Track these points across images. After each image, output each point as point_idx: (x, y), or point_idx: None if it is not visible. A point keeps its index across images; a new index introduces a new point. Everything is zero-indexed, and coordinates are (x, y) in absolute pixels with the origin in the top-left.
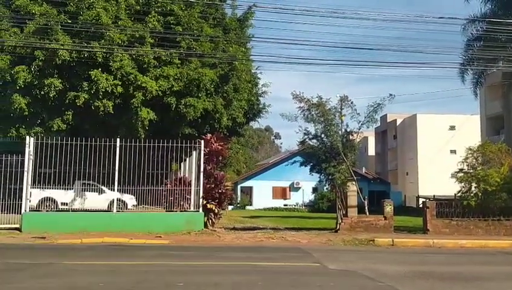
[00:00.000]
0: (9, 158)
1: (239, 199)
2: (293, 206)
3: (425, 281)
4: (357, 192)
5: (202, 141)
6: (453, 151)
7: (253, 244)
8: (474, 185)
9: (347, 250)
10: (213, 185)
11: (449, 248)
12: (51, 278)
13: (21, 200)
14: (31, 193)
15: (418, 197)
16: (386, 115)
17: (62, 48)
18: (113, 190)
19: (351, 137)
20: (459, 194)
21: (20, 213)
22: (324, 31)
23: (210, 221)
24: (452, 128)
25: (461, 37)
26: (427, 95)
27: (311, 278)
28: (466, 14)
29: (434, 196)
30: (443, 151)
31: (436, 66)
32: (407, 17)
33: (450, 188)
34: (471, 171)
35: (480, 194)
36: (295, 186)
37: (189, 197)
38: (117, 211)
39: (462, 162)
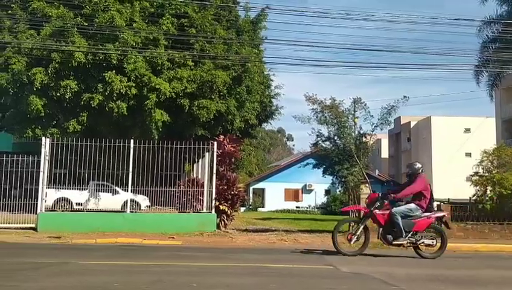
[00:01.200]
0: (25, 159)
1: (251, 200)
2: (306, 209)
3: (439, 285)
4: None
5: (215, 143)
6: (468, 154)
7: (266, 246)
8: (489, 188)
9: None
10: (226, 187)
11: (464, 252)
12: (66, 277)
13: (37, 200)
14: (46, 193)
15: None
16: (399, 117)
17: (78, 50)
18: (127, 191)
19: (364, 139)
20: (474, 198)
21: (36, 213)
22: (338, 33)
23: (222, 222)
24: (467, 130)
25: (476, 39)
26: (442, 97)
27: (324, 280)
28: (482, 15)
29: (449, 199)
30: (458, 154)
31: (451, 68)
32: (422, 18)
33: (465, 192)
34: (487, 174)
35: (495, 197)
36: (307, 188)
37: (201, 198)
38: (130, 212)
39: (477, 165)
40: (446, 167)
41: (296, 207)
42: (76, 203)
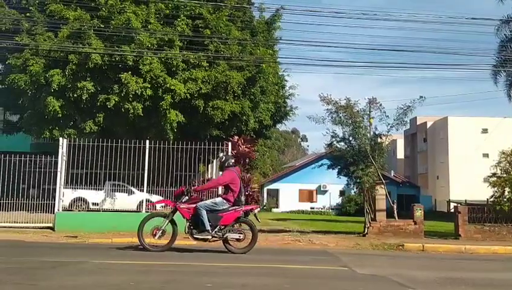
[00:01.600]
0: (43, 159)
1: (265, 201)
2: (320, 209)
3: (457, 288)
4: (386, 196)
5: (229, 143)
6: (486, 155)
7: (280, 246)
8: (507, 189)
9: (375, 254)
10: None
11: (481, 254)
12: (83, 276)
13: (54, 200)
14: (63, 193)
15: (449, 201)
16: (415, 117)
17: (94, 51)
18: (142, 191)
19: (379, 140)
20: (491, 199)
21: (53, 213)
22: (354, 33)
23: None
24: (485, 131)
25: (494, 38)
26: (459, 97)
27: (339, 282)
28: (499, 15)
29: (466, 200)
30: (475, 154)
31: (468, 68)
32: (440, 18)
33: (482, 193)
34: (505, 175)
35: None
36: (322, 189)
37: None
38: (146, 212)
39: (495, 166)
40: (463, 168)
41: (311, 208)
42: (93, 203)
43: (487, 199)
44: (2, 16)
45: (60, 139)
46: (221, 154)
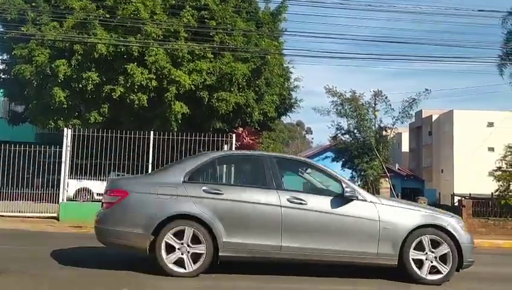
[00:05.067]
0: (47, 149)
1: None
2: None
3: (462, 282)
4: (390, 188)
5: (234, 135)
6: (491, 149)
7: None
8: None
9: None
10: None
11: (486, 248)
12: (86, 266)
13: (58, 190)
14: (68, 183)
15: (453, 195)
16: (421, 110)
17: (100, 42)
18: None
19: (384, 133)
20: (496, 193)
21: (58, 203)
22: (359, 25)
23: None
24: (490, 125)
25: (501, 30)
26: (465, 90)
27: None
28: (507, 6)
29: (470, 194)
30: (480, 148)
31: (474, 60)
32: (446, 10)
33: (487, 187)
34: (510, 169)
35: None
36: None
37: None
38: None
39: (501, 160)
40: (468, 162)
41: None
42: (97, 194)
43: (492, 193)
44: (8, 6)
45: (65, 129)
46: (225, 147)
